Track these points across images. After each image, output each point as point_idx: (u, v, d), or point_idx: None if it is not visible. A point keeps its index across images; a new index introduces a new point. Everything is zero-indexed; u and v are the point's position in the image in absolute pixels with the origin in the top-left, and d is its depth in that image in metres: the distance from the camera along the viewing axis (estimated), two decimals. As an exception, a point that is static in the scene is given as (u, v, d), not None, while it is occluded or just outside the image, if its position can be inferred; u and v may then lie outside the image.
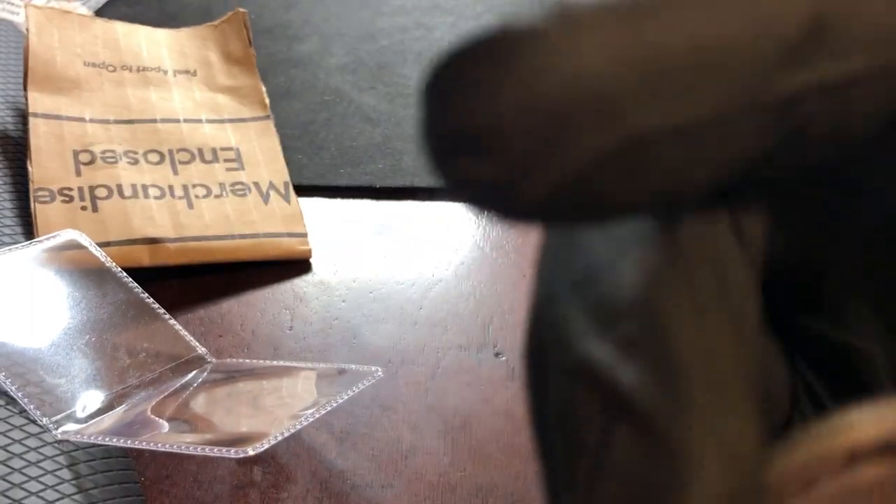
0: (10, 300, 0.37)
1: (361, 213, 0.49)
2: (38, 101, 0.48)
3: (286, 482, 0.34)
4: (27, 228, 0.43)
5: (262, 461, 0.35)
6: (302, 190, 0.49)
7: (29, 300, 0.37)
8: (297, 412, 0.32)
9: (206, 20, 0.56)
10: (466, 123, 0.11)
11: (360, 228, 0.48)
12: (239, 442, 0.30)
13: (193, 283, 0.44)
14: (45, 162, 0.45)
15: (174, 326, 0.39)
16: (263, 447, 0.30)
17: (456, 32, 0.64)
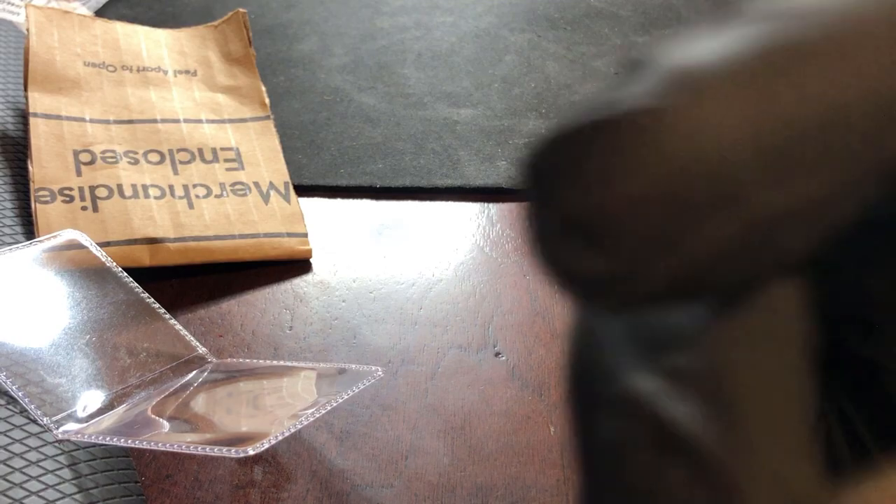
0: (10, 300, 0.37)
1: (361, 213, 0.49)
2: (38, 101, 0.48)
3: (286, 482, 0.34)
4: (28, 228, 0.43)
5: (262, 461, 0.35)
6: (302, 190, 0.49)
7: (29, 300, 0.37)
8: (297, 412, 0.32)
9: (206, 20, 0.56)
10: (575, 213, 0.10)
11: (360, 228, 0.48)
12: (239, 441, 0.30)
13: (194, 282, 0.44)
14: (45, 162, 0.45)
15: (174, 326, 0.39)
16: (264, 447, 0.30)
17: (456, 32, 0.64)
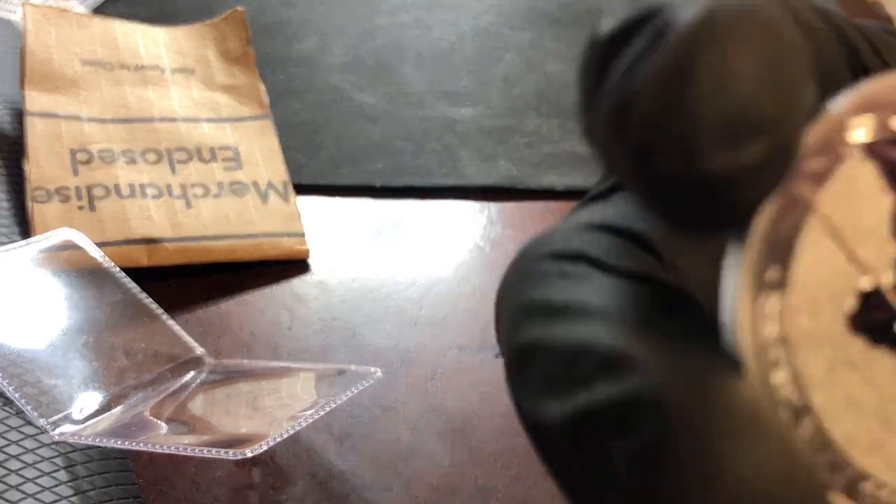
0: (6, 300, 0.36)
1: (361, 213, 0.49)
2: (35, 99, 0.47)
3: (285, 484, 0.34)
4: (24, 228, 0.43)
5: (260, 462, 0.35)
6: (301, 189, 0.49)
7: (26, 300, 0.37)
8: (296, 413, 0.32)
9: (204, 18, 0.56)
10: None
11: (359, 228, 0.48)
12: (238, 443, 0.30)
13: (192, 283, 0.43)
14: (42, 161, 0.45)
15: (172, 327, 0.39)
16: (262, 448, 0.29)
17: (456, 31, 0.64)
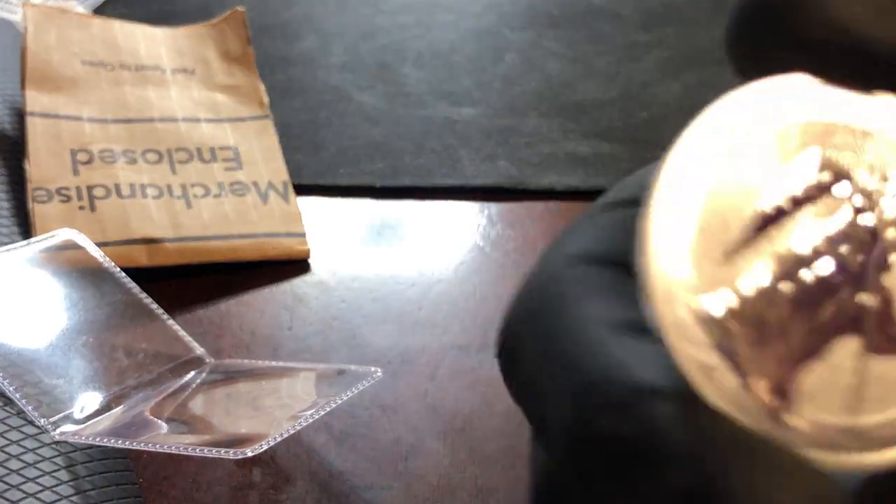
0: (7, 300, 0.36)
1: (361, 212, 0.49)
2: (35, 99, 0.47)
3: (285, 483, 0.34)
4: (24, 228, 0.43)
5: (261, 462, 0.35)
6: (301, 189, 0.49)
7: (26, 300, 0.37)
8: (296, 413, 0.32)
9: (204, 19, 0.56)
10: None
11: (360, 228, 0.48)
12: (238, 443, 0.30)
13: (192, 283, 0.43)
14: (42, 161, 0.45)
15: (172, 327, 0.39)
16: (262, 448, 0.29)
17: (456, 31, 0.64)
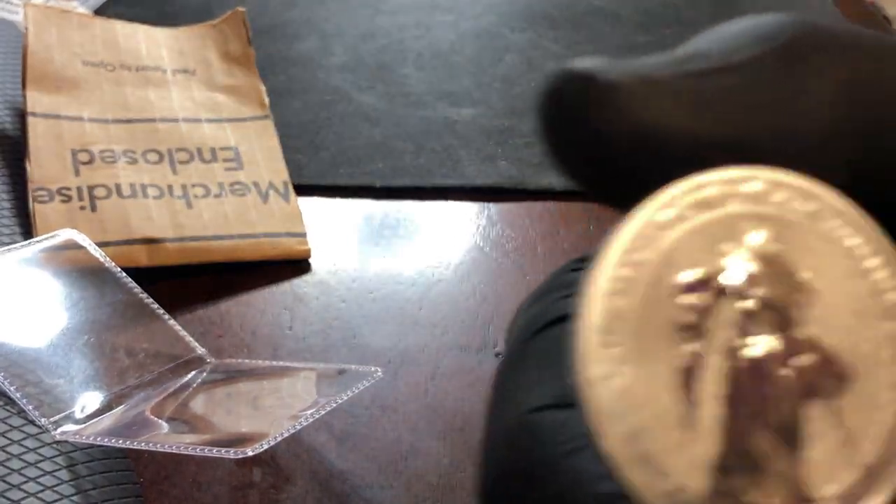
0: (8, 300, 0.37)
1: (361, 213, 0.49)
2: (36, 100, 0.47)
3: (285, 483, 0.34)
4: (26, 228, 0.43)
5: (261, 462, 0.35)
6: (301, 189, 0.49)
7: (27, 300, 0.37)
8: (296, 413, 0.32)
9: (205, 19, 0.56)
10: None
11: (360, 228, 0.48)
12: (238, 442, 0.30)
13: (192, 283, 0.43)
14: (43, 161, 0.45)
15: (173, 327, 0.39)
16: (263, 448, 0.29)
17: (456, 31, 0.64)
